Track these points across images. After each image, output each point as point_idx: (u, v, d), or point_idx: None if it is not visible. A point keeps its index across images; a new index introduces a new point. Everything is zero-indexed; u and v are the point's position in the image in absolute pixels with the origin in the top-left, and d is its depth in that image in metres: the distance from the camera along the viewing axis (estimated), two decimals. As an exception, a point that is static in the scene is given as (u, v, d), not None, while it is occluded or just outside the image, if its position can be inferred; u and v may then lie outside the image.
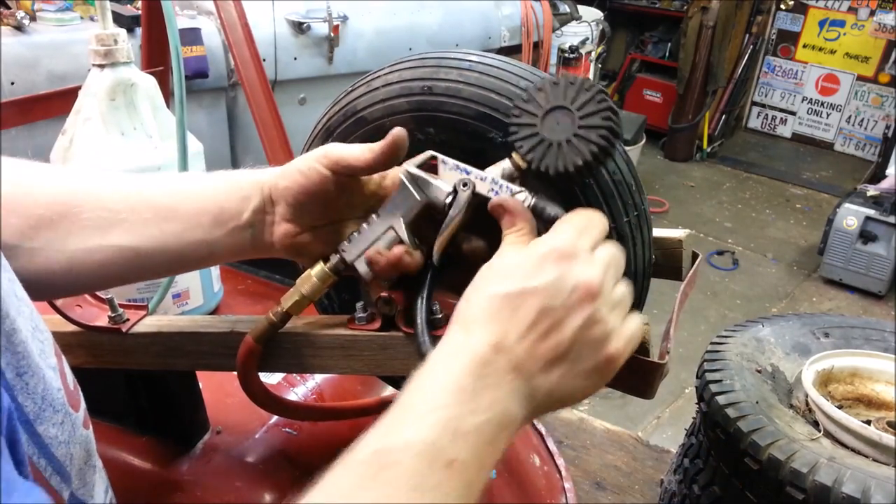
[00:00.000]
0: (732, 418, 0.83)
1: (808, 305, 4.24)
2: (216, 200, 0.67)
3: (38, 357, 0.47)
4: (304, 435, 0.96)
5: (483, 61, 0.71)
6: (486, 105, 0.69)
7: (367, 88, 0.74)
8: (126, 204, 0.66)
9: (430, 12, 3.70)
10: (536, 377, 0.53)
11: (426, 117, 0.71)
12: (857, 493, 0.72)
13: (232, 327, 0.78)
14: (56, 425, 0.49)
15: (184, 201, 0.67)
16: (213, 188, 0.68)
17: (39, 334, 0.50)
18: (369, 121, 0.73)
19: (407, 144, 0.63)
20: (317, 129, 0.79)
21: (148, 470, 0.90)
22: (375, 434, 0.50)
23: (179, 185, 0.70)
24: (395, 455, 0.47)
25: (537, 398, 0.53)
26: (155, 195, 0.67)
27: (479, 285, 0.56)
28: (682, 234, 0.80)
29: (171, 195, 0.68)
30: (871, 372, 0.93)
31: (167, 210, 0.66)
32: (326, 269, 0.67)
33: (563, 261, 0.54)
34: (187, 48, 2.62)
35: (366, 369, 0.75)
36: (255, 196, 0.66)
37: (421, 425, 0.48)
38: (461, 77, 0.70)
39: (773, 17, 6.54)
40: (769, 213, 5.47)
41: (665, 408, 3.32)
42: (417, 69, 0.72)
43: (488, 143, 0.71)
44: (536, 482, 1.13)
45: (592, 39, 4.98)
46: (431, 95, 0.70)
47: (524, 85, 0.69)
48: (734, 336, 1.00)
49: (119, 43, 1.07)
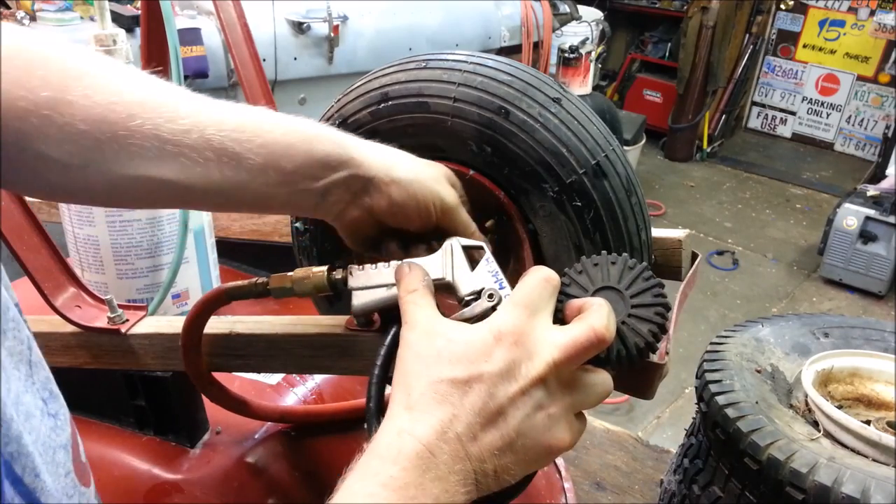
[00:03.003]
0: (732, 418, 0.83)
1: (808, 305, 4.24)
2: (292, 157, 0.60)
3: (42, 459, 0.43)
4: (304, 435, 0.96)
5: (567, 107, 0.69)
6: (554, 156, 0.68)
7: (441, 78, 0.71)
8: (185, 139, 0.57)
9: (430, 12, 3.71)
10: (486, 462, 0.50)
11: (491, 137, 0.69)
12: (856, 493, 0.72)
13: (231, 328, 0.78)
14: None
15: (252, 150, 0.59)
16: (295, 140, 0.61)
17: (50, 419, 0.46)
18: (432, 110, 0.71)
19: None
20: (371, 86, 0.74)
21: (148, 470, 0.90)
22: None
23: (249, 126, 0.60)
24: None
25: (487, 481, 0.51)
26: (219, 137, 0.58)
27: (426, 362, 0.53)
28: (681, 234, 0.79)
29: (237, 141, 0.59)
30: (871, 372, 0.93)
31: (231, 156, 0.59)
32: (325, 281, 0.67)
33: (512, 345, 0.52)
34: (187, 48, 2.62)
35: (365, 370, 0.75)
36: (342, 168, 0.62)
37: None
38: (541, 116, 0.68)
39: (773, 17, 6.54)
40: (769, 213, 5.47)
41: (665, 408, 3.32)
42: (502, 86, 0.69)
43: (537, 190, 0.69)
44: (536, 482, 1.13)
45: (592, 39, 4.97)
46: (506, 121, 0.68)
47: (596, 152, 0.68)
48: (734, 336, 0.99)
49: (118, 43, 1.07)
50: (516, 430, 0.51)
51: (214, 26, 2.81)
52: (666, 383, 0.70)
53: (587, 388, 0.55)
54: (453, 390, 0.51)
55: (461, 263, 0.62)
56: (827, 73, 6.47)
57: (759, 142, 6.82)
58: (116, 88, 0.57)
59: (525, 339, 0.53)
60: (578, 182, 0.68)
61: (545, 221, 0.71)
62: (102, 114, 0.55)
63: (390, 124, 0.73)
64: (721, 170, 6.23)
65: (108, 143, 0.55)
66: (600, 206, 0.68)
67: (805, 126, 6.74)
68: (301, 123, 0.63)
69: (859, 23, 6.16)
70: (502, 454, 0.51)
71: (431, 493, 0.47)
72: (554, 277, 0.57)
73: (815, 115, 6.66)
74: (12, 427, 0.39)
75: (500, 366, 0.51)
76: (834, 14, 6.30)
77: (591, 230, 0.69)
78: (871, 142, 6.32)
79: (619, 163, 0.70)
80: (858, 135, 6.46)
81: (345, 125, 0.75)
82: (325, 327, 0.74)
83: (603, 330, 0.53)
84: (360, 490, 0.47)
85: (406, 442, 0.49)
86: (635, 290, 0.59)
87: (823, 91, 6.55)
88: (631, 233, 0.70)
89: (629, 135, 5.11)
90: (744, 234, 5.11)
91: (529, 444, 0.52)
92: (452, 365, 0.52)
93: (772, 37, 6.63)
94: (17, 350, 0.43)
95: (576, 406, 0.54)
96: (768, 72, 6.76)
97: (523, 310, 0.54)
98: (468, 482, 0.49)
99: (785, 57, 6.64)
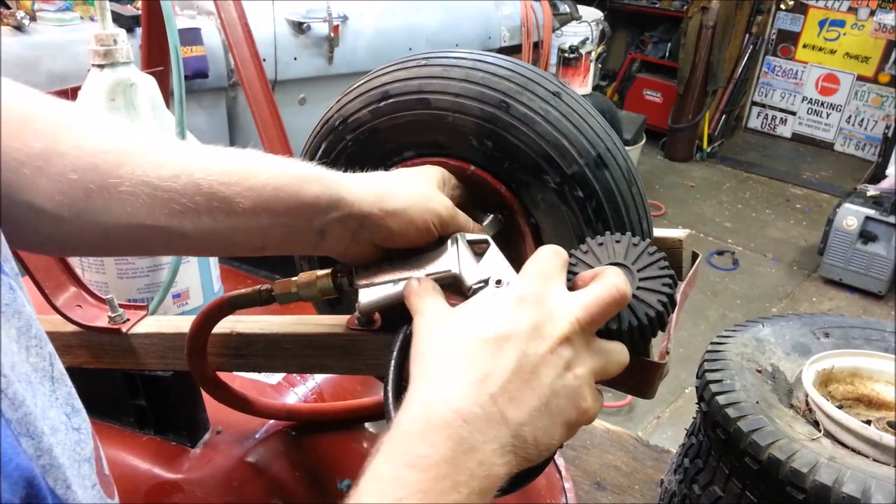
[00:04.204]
0: (732, 418, 0.83)
1: (808, 305, 4.24)
2: (281, 200, 0.60)
3: (71, 472, 0.43)
4: (304, 435, 0.96)
5: (567, 101, 0.69)
6: (554, 148, 0.68)
7: (441, 74, 0.71)
8: (174, 184, 0.57)
9: (430, 12, 3.71)
10: (524, 426, 0.48)
11: (492, 132, 0.69)
12: (856, 493, 0.72)
13: (232, 328, 0.77)
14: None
15: (241, 193, 0.59)
16: (283, 183, 0.60)
17: (74, 433, 0.46)
18: (433, 106, 0.71)
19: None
20: (371, 85, 0.74)
21: (148, 470, 0.90)
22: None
23: (236, 170, 0.60)
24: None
25: (526, 450, 0.48)
26: (208, 181, 0.58)
27: (446, 335, 0.51)
28: (682, 234, 0.79)
29: (226, 184, 0.58)
30: (871, 372, 0.93)
31: (221, 200, 0.58)
32: (330, 285, 0.67)
33: (535, 305, 0.52)
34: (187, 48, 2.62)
35: (365, 369, 0.75)
36: (334, 210, 0.61)
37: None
38: (541, 110, 0.68)
39: (773, 17, 6.54)
40: (769, 213, 5.47)
41: (665, 408, 3.32)
42: (502, 81, 0.69)
43: (539, 182, 0.69)
44: (536, 482, 1.13)
45: (592, 39, 4.97)
46: (506, 114, 0.68)
47: (596, 143, 0.68)
48: (734, 336, 1.00)
49: (119, 43, 1.07)
50: (551, 388, 0.50)
51: (214, 26, 2.81)
52: (666, 383, 0.70)
53: (608, 353, 0.55)
54: (483, 348, 0.49)
55: (467, 256, 0.63)
56: (827, 73, 6.47)
57: (759, 142, 6.82)
58: (105, 137, 0.58)
59: (546, 301, 0.53)
60: (580, 173, 0.68)
61: (547, 213, 0.71)
62: (93, 162, 0.56)
63: (391, 122, 0.73)
64: (721, 170, 6.23)
65: (99, 191, 0.56)
66: (602, 196, 0.68)
67: (805, 126, 6.74)
68: (289, 165, 0.62)
69: (859, 23, 6.16)
70: (539, 415, 0.49)
71: (465, 469, 0.45)
72: (562, 252, 0.58)
73: (815, 115, 6.66)
74: (43, 440, 0.40)
75: (528, 325, 0.51)
76: (834, 14, 6.30)
77: (594, 220, 0.69)
78: (871, 142, 6.32)
79: (620, 154, 0.70)
80: (858, 135, 6.46)
81: (345, 125, 0.75)
82: (326, 327, 0.74)
83: (623, 286, 0.54)
84: (387, 472, 0.45)
85: (434, 411, 0.46)
86: (641, 265, 0.60)
87: (823, 91, 6.55)
88: (633, 223, 0.70)
89: (629, 135, 5.11)
90: (744, 234, 5.11)
91: (563, 404, 0.50)
92: (477, 327, 0.51)
93: (772, 37, 6.63)
94: (40, 367, 0.43)
95: (598, 372, 0.54)
96: (768, 72, 6.76)
97: (538, 276, 0.54)
98: (506, 451, 0.47)
99: (785, 57, 6.64)
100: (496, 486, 0.47)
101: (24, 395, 0.39)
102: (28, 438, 0.38)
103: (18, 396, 0.38)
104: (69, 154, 0.55)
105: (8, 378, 0.37)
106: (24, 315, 0.43)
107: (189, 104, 1.02)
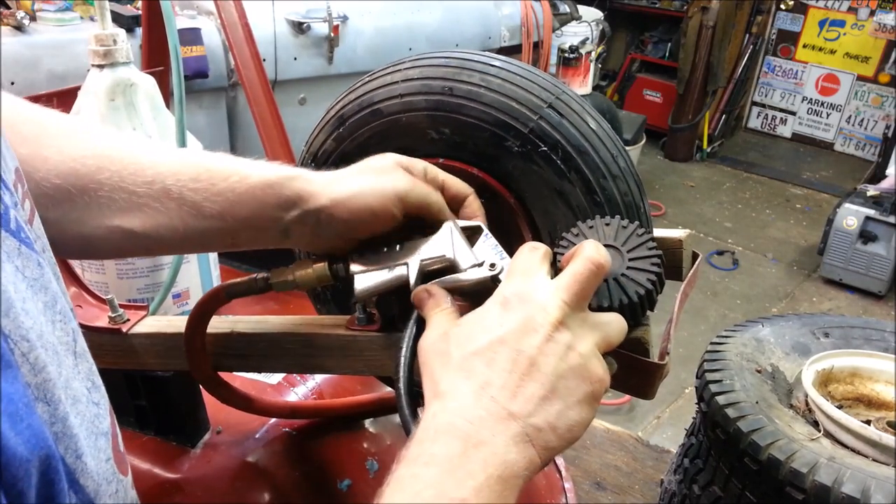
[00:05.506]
0: (732, 418, 0.83)
1: (808, 305, 4.24)
2: (245, 203, 0.63)
3: (86, 442, 0.45)
4: (304, 435, 0.96)
5: (507, 67, 0.71)
6: (505, 113, 0.69)
7: (385, 82, 0.73)
8: (147, 190, 0.62)
9: (430, 12, 3.70)
10: (533, 416, 0.50)
11: (444, 118, 0.71)
12: (856, 493, 0.72)
13: (232, 327, 0.78)
14: (111, 495, 0.48)
15: (209, 199, 0.63)
16: (246, 188, 0.63)
17: (93, 406, 0.48)
18: (385, 114, 0.73)
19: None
20: (329, 115, 0.78)
21: (148, 470, 0.90)
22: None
23: (205, 175, 0.64)
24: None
25: (544, 437, 0.50)
26: (177, 187, 0.63)
27: (447, 351, 0.54)
28: (682, 234, 0.79)
29: (195, 190, 0.63)
30: (871, 372, 0.93)
31: (191, 205, 0.63)
32: (327, 271, 0.67)
33: (520, 303, 0.54)
34: (187, 48, 2.62)
35: (366, 369, 0.75)
36: (296, 207, 0.64)
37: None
38: (483, 81, 0.70)
39: (773, 17, 6.54)
40: (769, 213, 5.47)
41: (665, 408, 3.32)
42: (440, 68, 0.71)
43: (503, 151, 0.70)
44: (536, 482, 1.13)
45: (592, 39, 4.97)
46: (451, 97, 0.70)
47: (545, 97, 0.69)
48: (734, 336, 0.99)
49: (118, 43, 1.07)
50: (554, 374, 0.52)
51: (214, 26, 2.81)
52: (666, 383, 0.70)
53: (606, 325, 0.57)
54: (478, 360, 0.52)
55: (460, 242, 0.64)
56: (827, 73, 6.47)
57: (759, 142, 6.82)
58: (87, 143, 0.62)
59: (530, 295, 0.54)
60: (536, 127, 0.69)
61: (522, 180, 0.72)
62: (74, 167, 0.60)
63: (354, 143, 0.75)
64: (721, 170, 6.23)
65: (80, 195, 0.60)
66: (565, 142, 0.69)
67: (805, 126, 6.74)
68: (257, 168, 0.65)
69: (859, 23, 6.17)
70: (548, 402, 0.51)
71: (477, 459, 0.47)
72: (539, 245, 0.59)
73: (815, 115, 6.66)
74: (59, 408, 0.41)
75: (517, 324, 0.53)
76: (834, 14, 6.30)
77: (566, 170, 0.69)
78: (871, 142, 6.32)
79: (575, 102, 0.71)
80: (858, 135, 6.46)
81: (315, 160, 0.78)
82: (326, 327, 0.74)
83: (597, 256, 0.56)
84: (405, 474, 0.48)
85: (441, 419, 0.50)
86: (631, 246, 0.62)
87: (823, 91, 6.55)
88: (606, 162, 0.70)
89: (629, 135, 5.11)
90: (744, 234, 5.11)
91: (572, 385, 0.52)
92: (472, 340, 0.53)
93: (772, 37, 6.63)
94: (64, 341, 0.45)
95: (600, 343, 0.55)
96: (768, 72, 6.77)
97: (519, 275, 0.56)
98: (519, 440, 0.49)
99: (785, 57, 6.64)
100: (520, 473, 0.49)
101: (45, 362, 0.40)
102: (44, 404, 0.40)
103: (40, 362, 0.39)
104: (52, 159, 0.59)
105: (31, 343, 0.39)
106: (51, 291, 0.44)
107: (189, 104, 1.02)
